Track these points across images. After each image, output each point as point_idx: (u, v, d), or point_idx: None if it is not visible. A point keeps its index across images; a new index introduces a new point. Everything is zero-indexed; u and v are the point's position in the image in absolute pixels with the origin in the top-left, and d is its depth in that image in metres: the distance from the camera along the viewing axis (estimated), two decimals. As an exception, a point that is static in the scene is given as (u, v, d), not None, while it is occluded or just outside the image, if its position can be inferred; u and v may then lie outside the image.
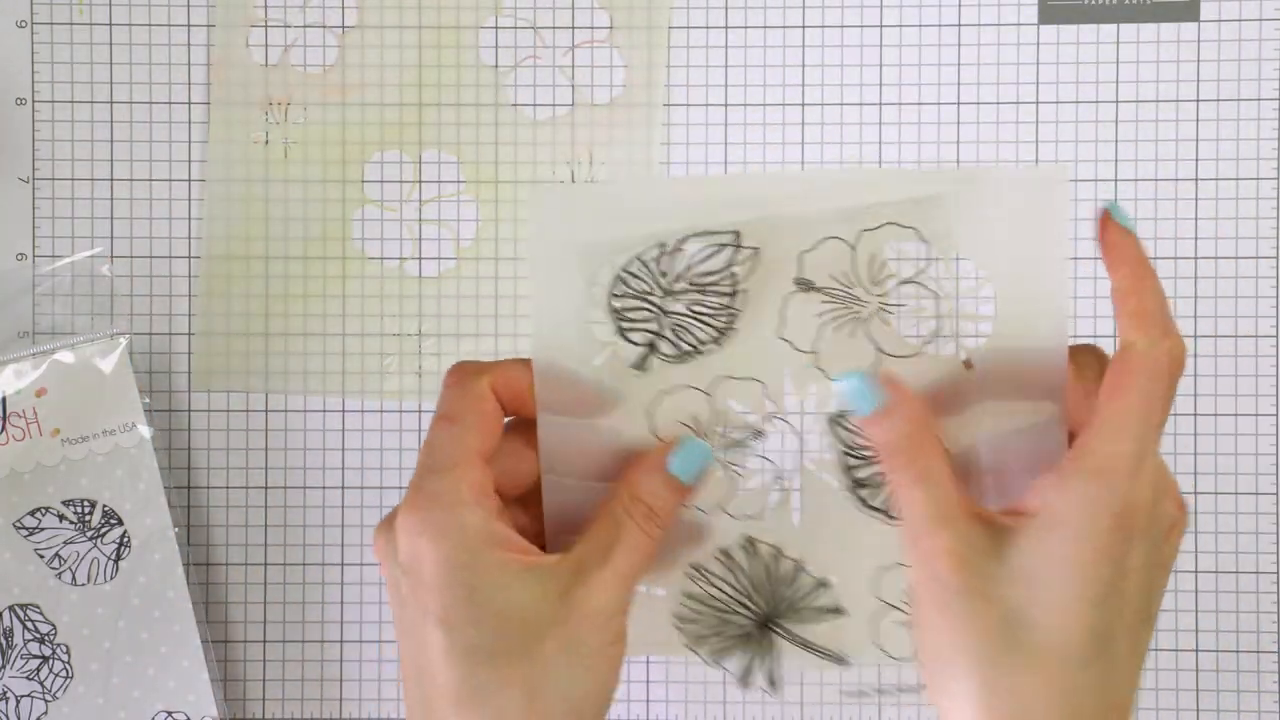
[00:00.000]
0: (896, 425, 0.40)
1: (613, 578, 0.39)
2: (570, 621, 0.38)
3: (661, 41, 0.59)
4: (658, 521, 0.40)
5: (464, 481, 0.39)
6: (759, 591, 0.45)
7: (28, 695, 0.56)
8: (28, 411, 0.56)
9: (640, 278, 0.43)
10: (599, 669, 0.39)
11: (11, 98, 0.59)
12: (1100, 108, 0.59)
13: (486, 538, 0.39)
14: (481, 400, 0.40)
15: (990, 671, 0.37)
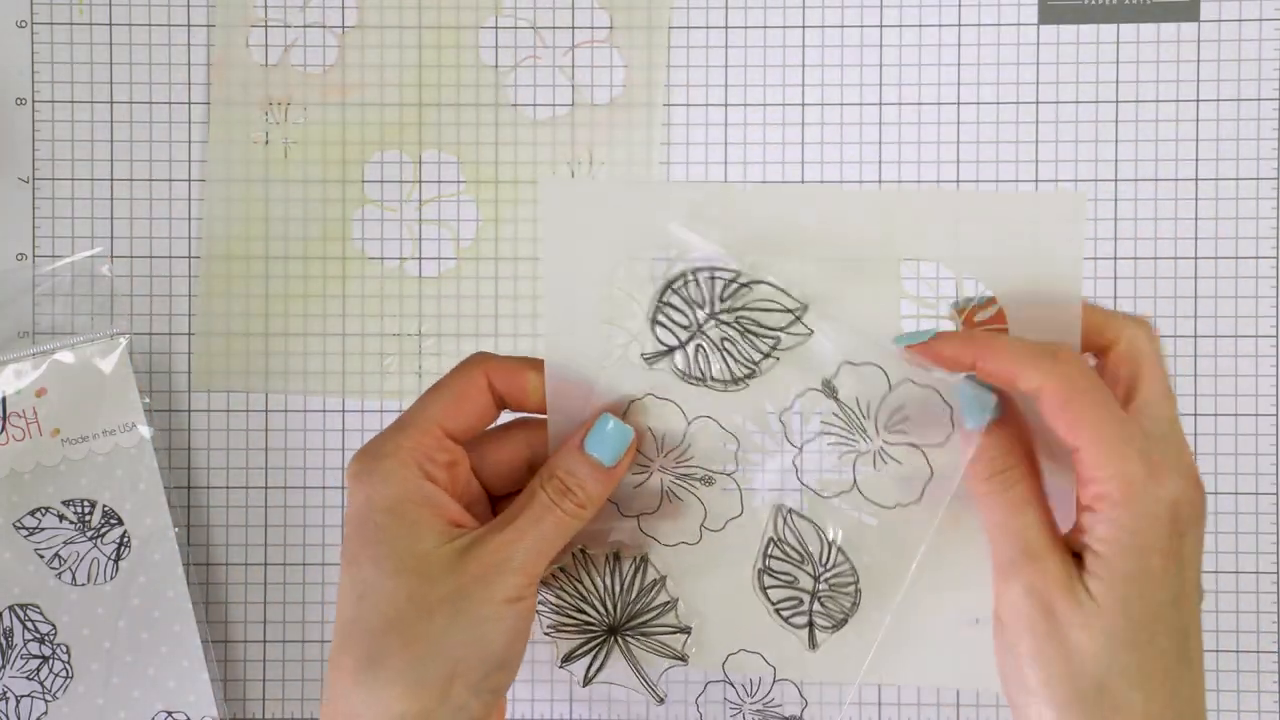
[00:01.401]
0: (1003, 444, 0.40)
1: (511, 539, 0.41)
2: (461, 574, 0.40)
3: (661, 41, 0.59)
4: (573, 498, 0.42)
5: (411, 441, 0.41)
6: (625, 602, 0.46)
7: (28, 695, 0.56)
8: (28, 411, 0.56)
9: (702, 288, 0.43)
10: (483, 628, 0.40)
11: (11, 98, 0.59)
12: (1100, 108, 0.59)
13: (413, 492, 0.41)
14: (469, 381, 0.42)
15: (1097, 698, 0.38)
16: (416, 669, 0.39)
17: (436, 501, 0.41)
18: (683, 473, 0.45)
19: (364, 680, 0.40)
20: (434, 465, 0.42)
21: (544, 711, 0.59)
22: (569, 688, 0.59)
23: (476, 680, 0.40)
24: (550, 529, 0.41)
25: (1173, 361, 0.58)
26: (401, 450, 0.41)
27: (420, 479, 0.41)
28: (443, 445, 0.42)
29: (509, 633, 0.41)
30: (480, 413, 0.43)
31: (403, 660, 0.40)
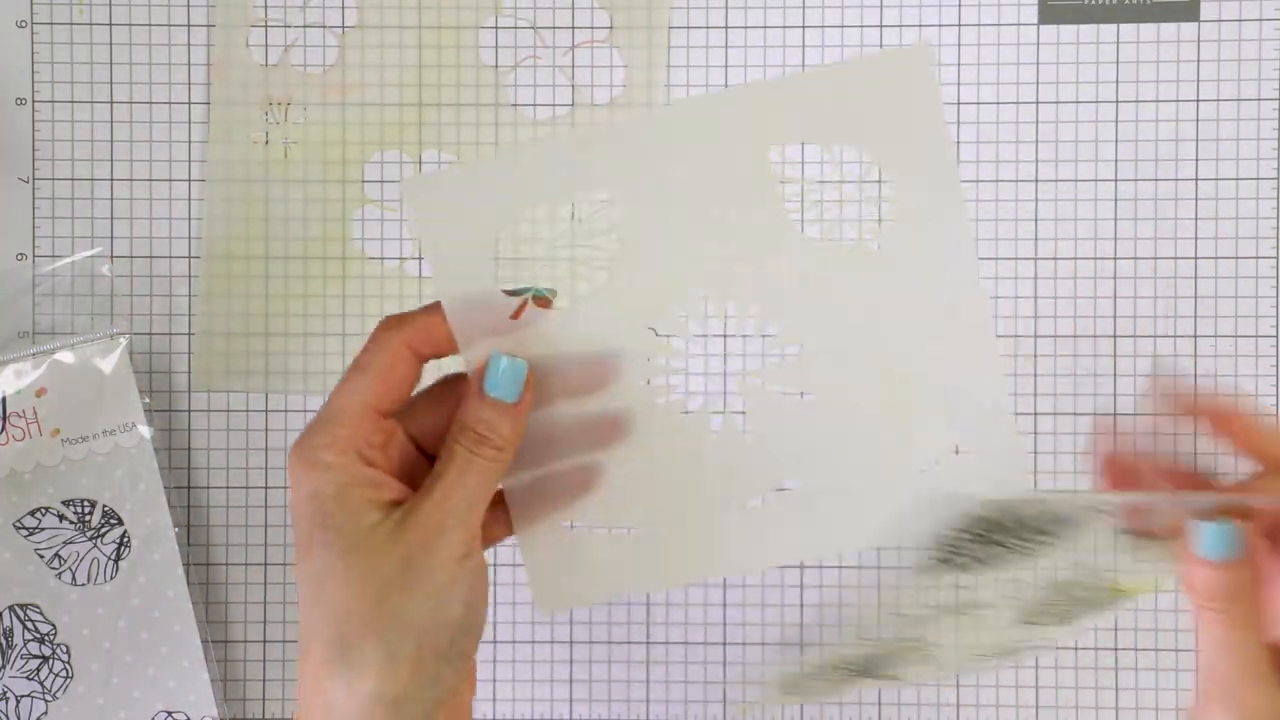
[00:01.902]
0: (1244, 574, 0.41)
1: (441, 499, 0.41)
2: (403, 542, 0.40)
3: (661, 41, 0.59)
4: (489, 443, 0.42)
5: (346, 429, 0.42)
6: None
7: (28, 695, 0.56)
8: (28, 411, 0.56)
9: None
10: (439, 594, 0.40)
11: (11, 98, 0.59)
12: (1100, 108, 0.59)
13: (352, 476, 0.41)
14: (391, 354, 0.43)
15: None
16: (384, 648, 0.40)
17: (377, 482, 0.42)
18: None
19: (335, 668, 0.40)
20: (371, 449, 0.42)
21: (544, 711, 0.59)
22: (569, 688, 0.59)
23: (444, 647, 0.41)
24: (475, 480, 0.42)
25: (1173, 362, 0.58)
26: (339, 441, 0.41)
27: (360, 465, 0.42)
28: (378, 426, 0.42)
29: (465, 592, 0.41)
30: (407, 381, 0.43)
31: (370, 641, 0.40)
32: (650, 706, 0.59)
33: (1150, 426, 0.46)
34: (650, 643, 0.59)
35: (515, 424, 0.43)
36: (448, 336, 0.43)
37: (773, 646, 0.59)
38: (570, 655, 0.59)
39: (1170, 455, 0.44)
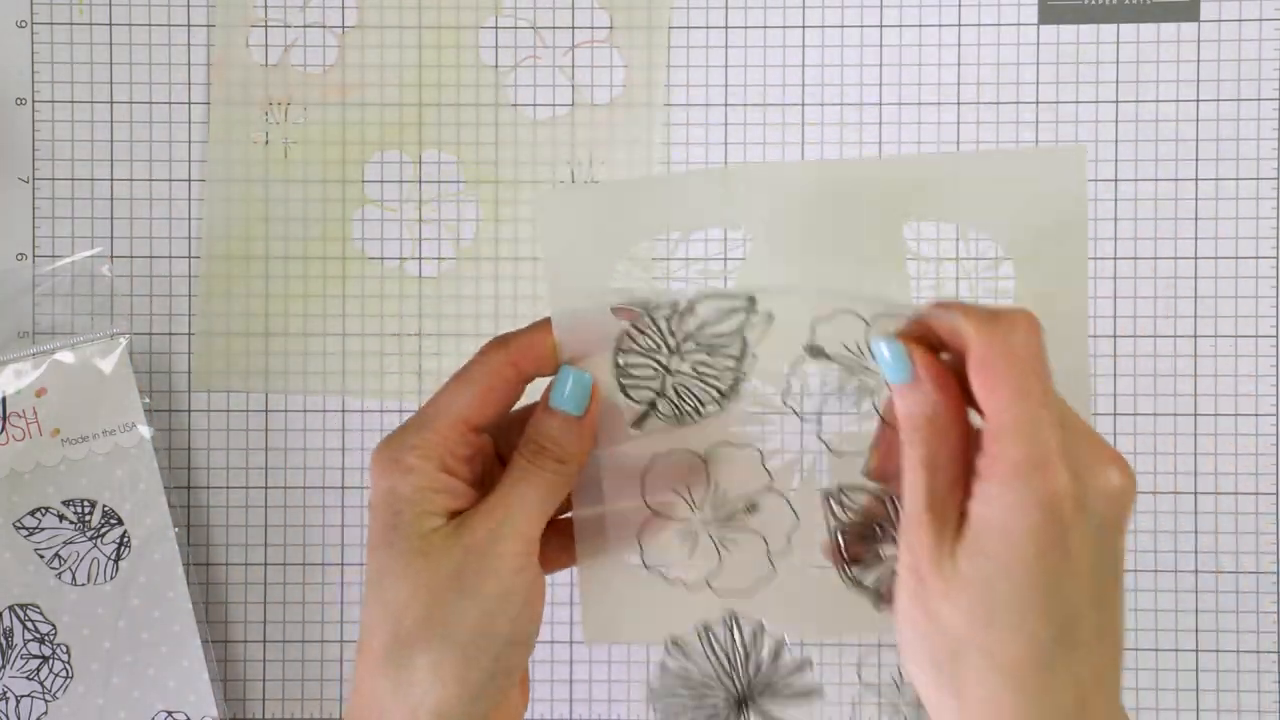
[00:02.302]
0: (918, 403, 0.39)
1: (495, 506, 0.41)
2: (458, 547, 0.41)
3: (661, 41, 0.59)
4: (550, 454, 0.42)
5: (435, 436, 0.42)
6: (737, 669, 0.45)
7: (28, 695, 0.56)
8: (28, 411, 0.56)
9: (649, 335, 0.43)
10: (488, 604, 0.40)
11: (11, 98, 0.59)
12: (1100, 108, 0.59)
13: (430, 481, 0.41)
14: (493, 368, 0.43)
15: (957, 675, 0.38)
16: (431, 655, 0.40)
17: (455, 491, 0.42)
18: (725, 514, 0.44)
19: (386, 669, 0.40)
20: (455, 460, 0.42)
21: (544, 711, 0.59)
22: (569, 688, 0.59)
23: (490, 662, 0.40)
24: (532, 490, 0.42)
25: (1173, 362, 0.58)
26: (425, 445, 0.42)
27: (439, 473, 0.42)
28: (465, 440, 0.42)
29: (515, 606, 0.41)
30: (507, 399, 0.43)
31: (419, 649, 0.40)
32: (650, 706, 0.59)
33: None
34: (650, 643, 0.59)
35: (578, 437, 0.43)
36: (552, 354, 0.43)
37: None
38: (570, 655, 0.59)
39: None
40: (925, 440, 0.39)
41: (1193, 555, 0.58)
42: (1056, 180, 0.42)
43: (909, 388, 0.39)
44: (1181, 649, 0.58)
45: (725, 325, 0.43)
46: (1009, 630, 0.37)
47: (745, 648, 0.45)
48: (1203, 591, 0.58)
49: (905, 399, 0.39)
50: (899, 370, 0.40)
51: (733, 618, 0.45)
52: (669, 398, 0.44)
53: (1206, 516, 0.58)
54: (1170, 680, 0.58)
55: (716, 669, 0.45)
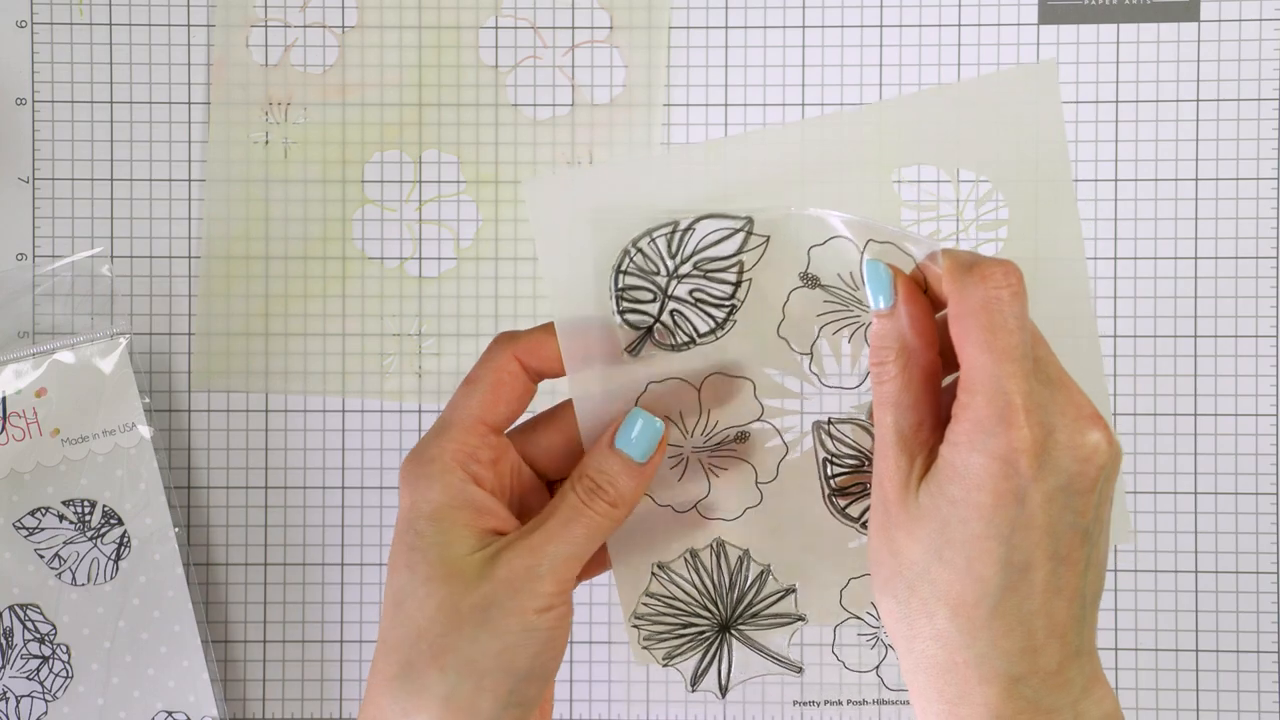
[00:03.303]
0: (890, 332, 0.40)
1: (540, 543, 0.40)
2: (491, 581, 0.39)
3: (661, 41, 0.59)
4: (604, 496, 0.41)
5: (455, 443, 0.41)
6: (721, 595, 0.45)
7: (28, 695, 0.56)
8: (28, 411, 0.56)
9: (649, 256, 0.43)
10: (511, 639, 0.39)
11: (11, 98, 0.59)
12: (1100, 108, 0.59)
13: (456, 497, 0.41)
14: (500, 368, 0.42)
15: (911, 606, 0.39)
16: (444, 683, 0.39)
17: (480, 507, 0.41)
18: (716, 442, 0.44)
19: (396, 691, 0.40)
20: (479, 465, 0.41)
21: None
22: (569, 688, 0.59)
23: (504, 695, 0.39)
24: (581, 531, 0.41)
25: (1173, 361, 0.58)
26: (446, 454, 0.41)
27: (465, 482, 0.41)
28: (486, 442, 0.42)
29: (538, 644, 0.40)
30: (518, 396, 0.43)
31: (431, 673, 0.39)
32: (650, 707, 0.59)
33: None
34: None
35: (638, 484, 0.42)
36: (558, 355, 0.42)
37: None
38: (570, 655, 0.59)
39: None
40: (891, 374, 0.40)
41: (1193, 555, 0.58)
42: (1031, 99, 0.42)
43: (885, 315, 0.40)
44: (1181, 649, 0.58)
45: (724, 247, 0.43)
46: (957, 570, 0.38)
47: (730, 575, 0.45)
48: (1203, 591, 0.58)
49: (880, 325, 0.40)
50: (880, 292, 0.40)
51: (719, 545, 0.45)
52: (665, 324, 0.43)
53: (1206, 516, 0.58)
54: (1170, 680, 0.58)
55: (701, 594, 0.45)
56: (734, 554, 0.45)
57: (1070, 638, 0.38)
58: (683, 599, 0.45)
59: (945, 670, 0.38)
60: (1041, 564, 0.37)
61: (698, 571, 0.45)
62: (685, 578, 0.45)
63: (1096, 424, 0.38)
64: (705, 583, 0.45)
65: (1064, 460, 0.37)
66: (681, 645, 0.45)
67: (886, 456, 0.39)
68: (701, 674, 0.45)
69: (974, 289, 0.37)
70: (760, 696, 0.58)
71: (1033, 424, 0.37)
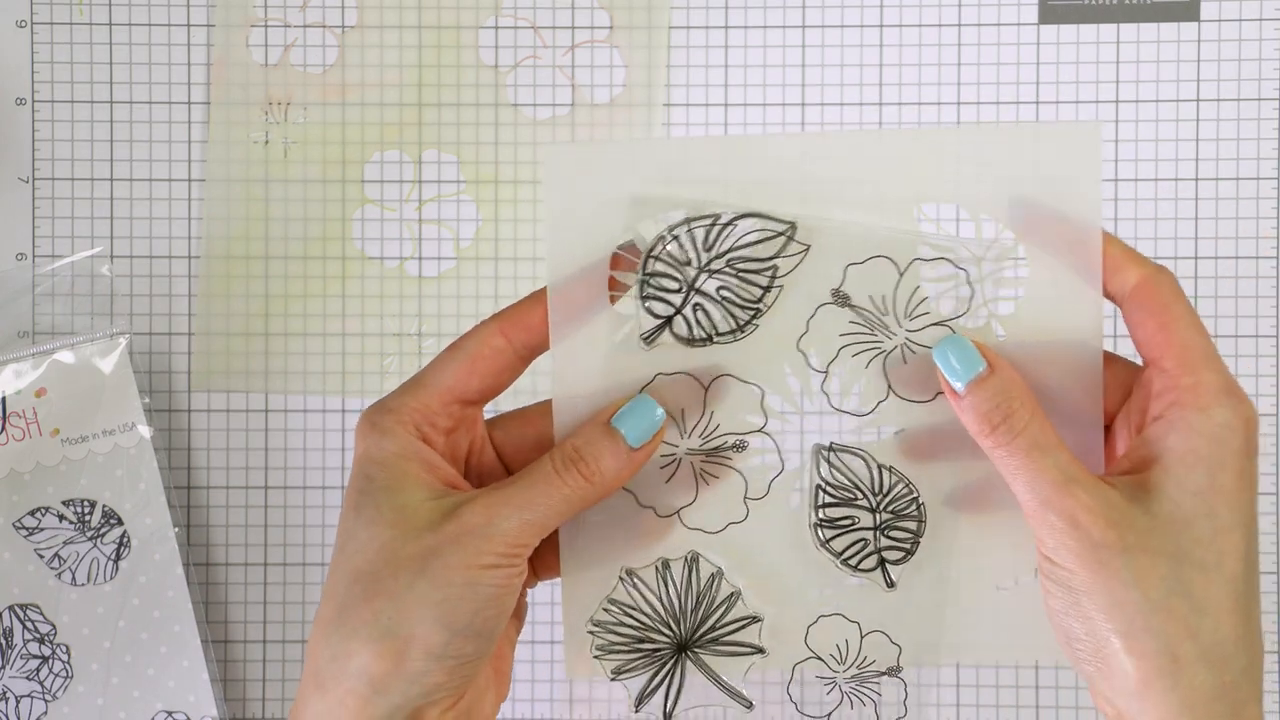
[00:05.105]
0: (1002, 391, 0.39)
1: (499, 502, 0.39)
2: (438, 534, 0.38)
3: (661, 41, 0.59)
4: (582, 469, 0.40)
5: (416, 401, 0.41)
6: (685, 614, 0.44)
7: (28, 695, 0.56)
8: (28, 411, 0.56)
9: (684, 246, 0.42)
10: (449, 591, 0.38)
11: (11, 98, 0.59)
12: (1100, 108, 0.59)
13: (405, 448, 0.40)
14: (483, 340, 0.41)
15: (1165, 619, 0.36)
16: (376, 627, 0.38)
17: (431, 462, 0.40)
18: (713, 447, 0.43)
19: (329, 634, 0.39)
20: (433, 429, 0.41)
21: (544, 711, 0.59)
22: (569, 687, 0.59)
23: (437, 646, 0.38)
24: (545, 499, 0.40)
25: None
26: (404, 409, 0.40)
27: (412, 440, 0.40)
28: (447, 410, 0.41)
29: (480, 600, 0.38)
30: (497, 371, 0.42)
31: (364, 615, 0.38)
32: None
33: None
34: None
35: (621, 468, 0.40)
36: (542, 324, 0.41)
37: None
38: (570, 655, 0.59)
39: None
40: (1024, 420, 0.38)
41: (1193, 555, 0.58)
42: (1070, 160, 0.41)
43: (986, 378, 0.39)
44: (1181, 649, 0.58)
45: (762, 249, 0.42)
46: (1213, 571, 0.37)
47: (698, 592, 0.44)
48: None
49: (985, 385, 0.39)
50: (971, 362, 0.39)
51: (694, 558, 0.44)
52: (685, 317, 0.42)
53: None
54: (1170, 680, 0.58)
55: (665, 610, 0.44)
56: (707, 570, 0.44)
57: None
58: (646, 612, 0.44)
59: (1214, 698, 0.36)
60: (1256, 562, 0.38)
61: (666, 584, 0.44)
62: (652, 589, 0.44)
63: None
64: (671, 597, 0.44)
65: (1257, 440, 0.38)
66: (634, 660, 0.44)
67: (1073, 495, 0.38)
68: (648, 694, 0.44)
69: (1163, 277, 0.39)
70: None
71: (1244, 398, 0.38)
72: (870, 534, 0.43)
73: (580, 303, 0.42)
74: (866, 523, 0.43)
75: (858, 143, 0.43)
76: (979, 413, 0.39)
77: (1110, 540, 0.37)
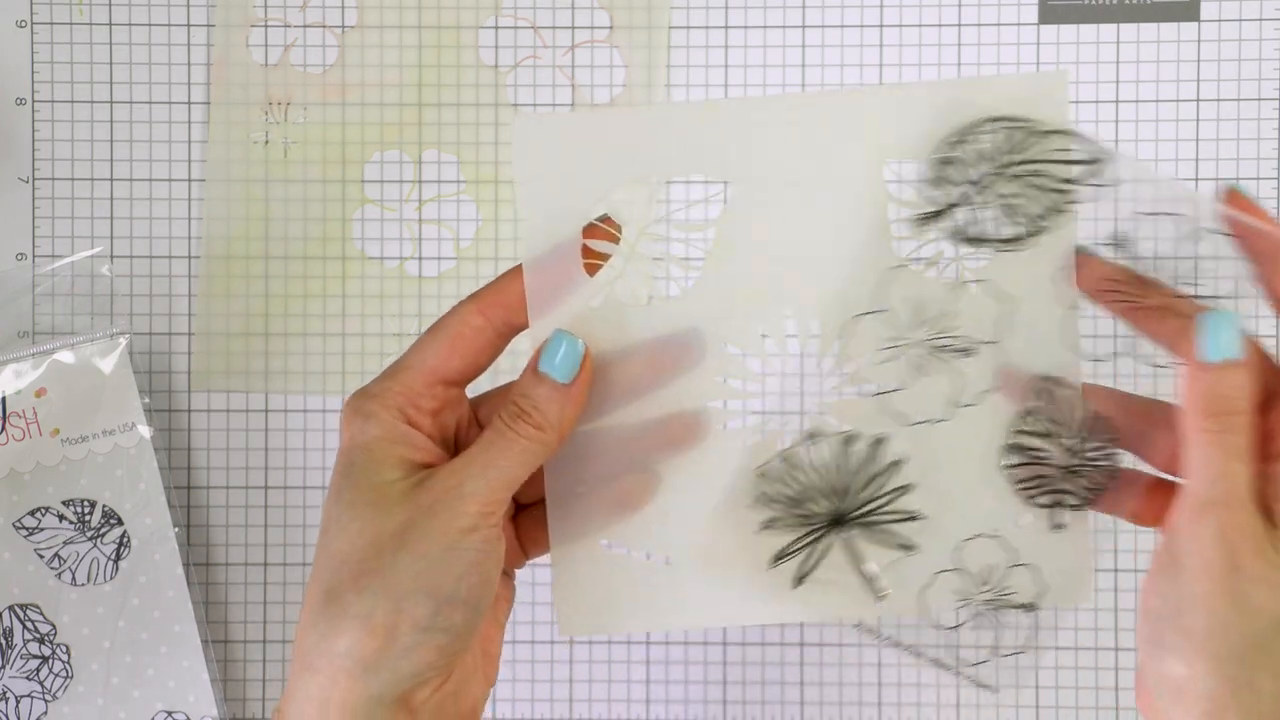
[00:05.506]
0: (1244, 385, 0.39)
1: (463, 466, 0.40)
2: (412, 507, 0.39)
3: (661, 41, 0.59)
4: (529, 420, 0.41)
5: (399, 385, 0.41)
6: (850, 488, 0.43)
7: (28, 695, 0.56)
8: (28, 411, 0.56)
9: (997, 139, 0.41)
10: (430, 560, 0.39)
11: (11, 98, 0.59)
12: (1100, 108, 0.59)
13: (387, 431, 0.41)
14: (463, 320, 0.42)
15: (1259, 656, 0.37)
16: (363, 604, 0.38)
17: (414, 443, 0.41)
18: (942, 344, 0.43)
19: (316, 618, 0.39)
20: (417, 411, 0.41)
21: (544, 711, 0.59)
22: (569, 688, 0.59)
23: (425, 619, 0.38)
24: (503, 455, 0.40)
25: (1173, 361, 0.58)
26: (388, 394, 0.41)
27: (396, 423, 0.41)
28: (431, 391, 0.41)
29: (462, 565, 0.39)
30: (477, 351, 0.42)
31: (350, 595, 0.39)
32: (650, 706, 0.59)
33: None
34: (650, 643, 0.59)
35: (563, 406, 0.41)
36: (519, 301, 0.42)
37: (772, 646, 0.59)
38: (570, 655, 0.59)
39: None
40: (1241, 425, 0.39)
41: (1193, 555, 0.58)
42: (1038, 109, 0.41)
43: (1236, 365, 0.40)
44: (1181, 649, 0.58)
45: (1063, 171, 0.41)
46: None
47: (871, 469, 0.43)
48: (1203, 591, 0.58)
49: (1233, 375, 0.39)
50: (1231, 343, 0.40)
51: (881, 440, 0.43)
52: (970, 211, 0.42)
53: None
54: (1170, 680, 0.58)
55: (833, 476, 0.43)
56: (887, 456, 0.43)
57: None
58: (810, 476, 0.43)
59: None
60: None
61: (845, 456, 0.43)
62: (830, 457, 0.43)
63: None
64: (844, 469, 0.43)
65: None
66: (785, 522, 0.43)
67: (1242, 507, 0.38)
68: (786, 555, 0.43)
69: None
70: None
71: None
72: (1057, 473, 0.43)
73: (557, 279, 0.42)
74: (1057, 459, 0.43)
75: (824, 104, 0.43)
76: (1212, 393, 0.39)
77: (1243, 566, 0.38)
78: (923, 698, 0.58)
